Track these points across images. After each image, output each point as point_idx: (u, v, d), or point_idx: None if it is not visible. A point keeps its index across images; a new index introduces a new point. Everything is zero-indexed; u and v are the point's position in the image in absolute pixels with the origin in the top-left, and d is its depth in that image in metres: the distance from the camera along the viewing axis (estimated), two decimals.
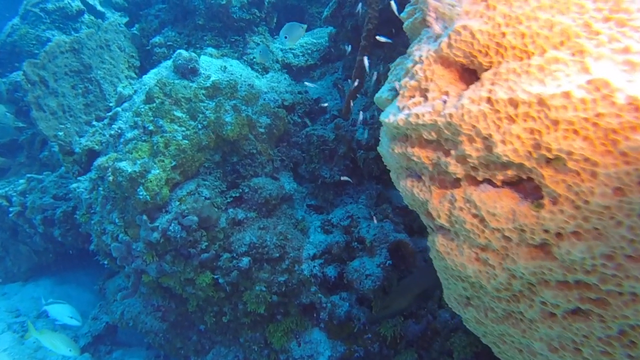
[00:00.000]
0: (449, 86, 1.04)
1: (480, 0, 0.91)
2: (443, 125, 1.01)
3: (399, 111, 1.19)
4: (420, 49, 1.15)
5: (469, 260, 1.11)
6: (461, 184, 1.10)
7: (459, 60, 0.99)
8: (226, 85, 3.83)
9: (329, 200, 4.19)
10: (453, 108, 0.97)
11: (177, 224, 3.28)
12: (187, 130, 3.54)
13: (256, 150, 3.76)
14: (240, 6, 4.50)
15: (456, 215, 1.10)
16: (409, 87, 1.15)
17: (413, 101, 1.13)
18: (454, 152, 1.05)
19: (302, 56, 5.04)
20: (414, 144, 1.20)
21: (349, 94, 2.59)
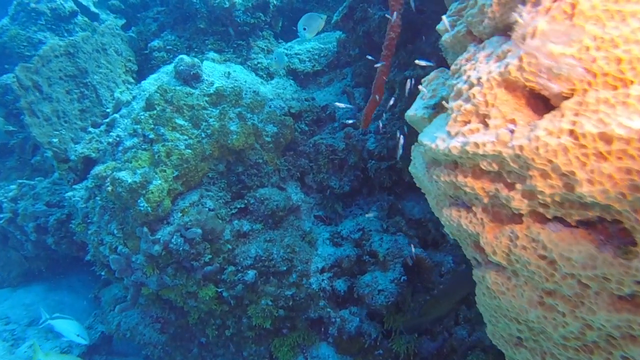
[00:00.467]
0: (514, 113, 0.94)
1: (561, 18, 0.81)
2: (509, 158, 0.91)
3: (449, 137, 1.09)
4: (476, 70, 1.05)
5: (531, 304, 1.01)
6: (523, 220, 1.01)
7: (530, 85, 0.89)
8: (230, 92, 3.72)
9: (337, 211, 4.09)
10: (524, 139, 0.87)
11: (180, 236, 3.16)
12: (190, 139, 3.42)
13: (262, 160, 3.65)
14: (244, 10, 4.39)
15: (517, 254, 1.00)
16: (464, 111, 1.05)
17: (469, 128, 1.03)
18: (519, 187, 0.95)
19: (309, 62, 4.94)
20: (467, 174, 1.10)
21: (368, 106, 2.50)
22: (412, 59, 3.95)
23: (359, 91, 4.56)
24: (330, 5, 5.73)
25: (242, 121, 3.62)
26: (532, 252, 0.96)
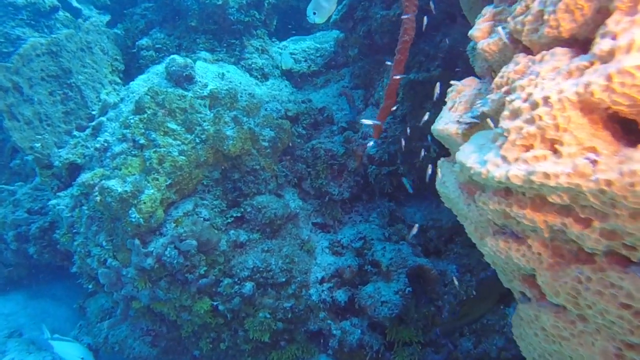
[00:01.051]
0: (592, 140, 0.81)
1: None
2: (590, 192, 0.77)
3: (506, 163, 0.95)
4: (540, 87, 0.91)
5: (606, 356, 0.88)
6: (596, 260, 0.88)
7: (618, 109, 0.76)
8: (225, 94, 3.53)
9: (336, 218, 3.94)
10: (613, 173, 0.74)
11: (174, 248, 2.97)
12: (184, 145, 3.23)
13: (259, 166, 3.47)
14: (238, 7, 4.20)
15: (590, 299, 0.87)
16: (526, 134, 0.91)
17: (534, 154, 0.89)
18: (597, 224, 0.82)
19: (305, 62, 4.78)
20: (524, 204, 0.96)
21: (380, 113, 2.35)
22: (414, 61, 3.83)
23: (358, 93, 4.42)
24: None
25: (238, 125, 3.44)
26: (612, 299, 0.84)
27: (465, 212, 1.29)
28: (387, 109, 2.32)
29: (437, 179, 1.55)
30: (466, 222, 1.31)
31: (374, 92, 4.24)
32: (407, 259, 3.34)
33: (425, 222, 3.86)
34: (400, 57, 2.17)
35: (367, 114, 4.23)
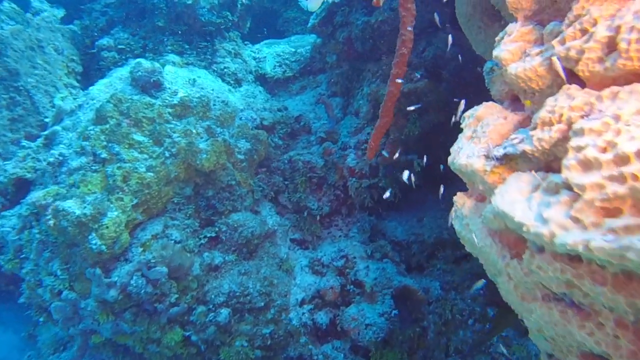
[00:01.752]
0: None
1: None
2: None
3: (580, 227, 0.76)
4: (625, 134, 0.73)
5: None
6: None
7: None
8: (197, 102, 3.22)
9: (315, 233, 3.72)
10: None
11: (141, 276, 2.65)
12: (152, 159, 2.90)
13: (235, 181, 3.19)
14: (209, 8, 3.88)
15: None
16: (612, 196, 0.72)
17: (626, 224, 0.70)
18: None
19: (279, 67, 4.51)
20: (604, 280, 0.78)
21: (375, 132, 2.15)
22: None
23: (336, 101, 4.21)
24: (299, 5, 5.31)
25: (212, 137, 3.14)
26: None
27: (500, 267, 1.10)
28: (383, 127, 2.13)
29: (456, 217, 1.36)
30: (501, 278, 1.12)
31: (354, 101, 4.05)
32: (392, 279, 3.17)
33: (407, 236, 3.71)
34: (398, 71, 1.98)
35: (346, 123, 4.03)
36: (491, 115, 1.33)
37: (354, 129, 3.87)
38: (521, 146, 1.07)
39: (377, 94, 3.67)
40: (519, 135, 1.13)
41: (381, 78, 3.77)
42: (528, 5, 1.33)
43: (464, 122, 1.46)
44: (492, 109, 1.36)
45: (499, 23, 2.08)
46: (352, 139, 3.82)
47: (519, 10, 1.36)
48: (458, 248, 3.50)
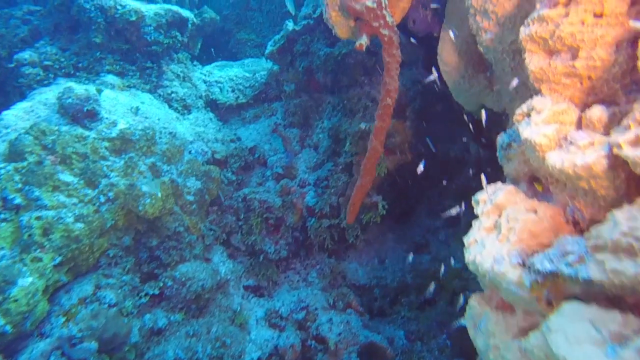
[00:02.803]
0: None
1: None
2: None
3: None
4: None
5: None
6: None
7: None
8: (140, 135, 2.75)
9: (271, 278, 3.35)
10: None
11: (61, 356, 2.12)
12: (83, 205, 2.38)
13: (184, 227, 2.75)
14: (156, 26, 3.41)
15: None
16: None
17: None
18: None
19: (232, 92, 4.11)
20: None
21: (355, 192, 1.85)
22: (360, 104, 3.43)
23: (293, 132, 3.89)
24: (252, 26, 4.98)
25: (157, 177, 2.69)
26: None
27: None
28: (365, 187, 1.84)
29: (476, 330, 1.10)
30: None
31: (312, 133, 3.76)
32: (357, 334, 2.88)
33: (369, 280, 3.46)
34: (382, 124, 1.71)
35: (304, 157, 3.72)
36: (514, 204, 1.10)
37: (313, 164, 3.58)
38: (584, 271, 0.83)
39: (339, 129, 3.41)
40: (573, 250, 0.90)
41: (343, 112, 3.52)
42: (557, 78, 1.12)
43: (478, 206, 1.22)
44: (513, 196, 1.13)
45: (484, 74, 1.92)
46: (311, 175, 3.52)
47: (544, 82, 1.16)
48: (421, 292, 3.31)
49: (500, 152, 1.26)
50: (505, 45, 1.47)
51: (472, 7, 1.46)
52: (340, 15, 1.78)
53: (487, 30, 1.47)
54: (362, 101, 3.40)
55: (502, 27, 1.44)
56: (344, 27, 1.83)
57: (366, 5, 1.65)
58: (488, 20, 1.46)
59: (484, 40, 1.52)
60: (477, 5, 1.46)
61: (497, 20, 1.44)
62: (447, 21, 1.84)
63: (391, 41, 1.70)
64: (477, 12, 1.48)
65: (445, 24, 1.85)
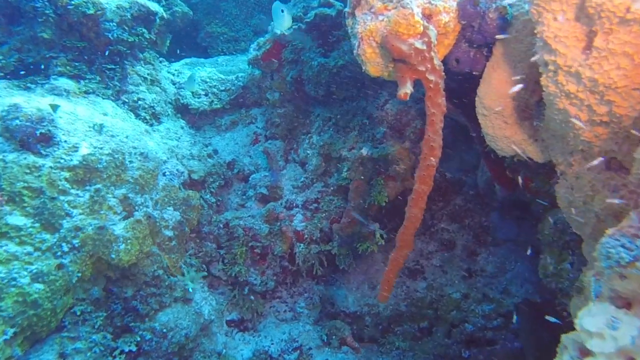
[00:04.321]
0: None
1: None
2: None
3: None
4: None
5: None
6: None
7: None
8: (108, 161, 2.31)
9: (256, 310, 3.06)
10: None
11: None
12: (40, 256, 1.94)
13: (162, 268, 2.37)
14: (119, 21, 2.89)
15: None
16: None
17: None
18: None
19: (205, 96, 3.66)
20: None
21: (390, 267, 1.57)
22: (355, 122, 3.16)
23: (276, 145, 3.55)
24: (225, 19, 4.49)
25: (130, 212, 2.28)
26: None
27: None
28: (400, 260, 1.58)
29: None
30: None
31: (298, 147, 3.44)
32: None
33: (359, 307, 3.27)
34: (423, 188, 1.46)
35: (289, 174, 3.41)
36: None
37: (300, 184, 3.28)
38: None
39: (331, 147, 3.13)
40: None
41: (335, 128, 3.24)
42: None
43: (590, 340, 1.01)
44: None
45: (529, 123, 1.72)
46: (299, 196, 3.22)
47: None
48: (416, 321, 3.18)
49: (605, 262, 1.06)
50: None
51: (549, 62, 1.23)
52: (378, 53, 1.48)
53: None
54: (357, 118, 3.13)
55: None
56: (378, 66, 1.54)
57: (415, 47, 1.37)
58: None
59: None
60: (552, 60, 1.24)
61: None
62: (497, 65, 1.60)
63: (437, 89, 1.44)
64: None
65: (494, 67, 1.62)
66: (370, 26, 1.44)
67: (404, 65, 1.42)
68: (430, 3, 1.43)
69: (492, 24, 1.49)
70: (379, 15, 1.43)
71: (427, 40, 1.39)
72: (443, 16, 1.46)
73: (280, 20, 2.59)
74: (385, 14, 1.42)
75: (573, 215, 1.52)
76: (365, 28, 1.45)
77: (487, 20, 1.49)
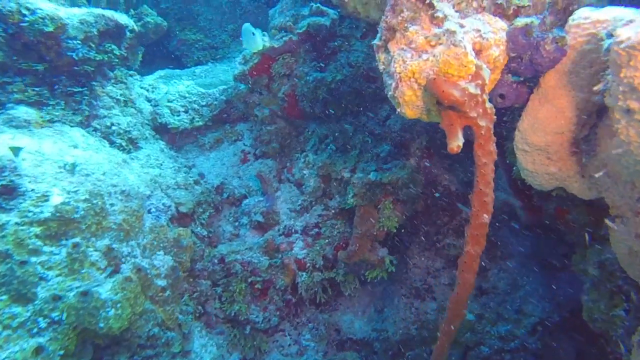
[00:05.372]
0: None
1: None
2: None
3: None
4: None
5: None
6: None
7: None
8: (86, 209, 1.98)
9: (259, 347, 2.81)
10: None
11: None
12: (11, 336, 1.62)
13: (158, 324, 2.08)
14: (84, 38, 2.50)
15: None
16: None
17: None
18: None
19: (185, 113, 3.32)
20: None
21: (439, 342, 1.35)
22: (357, 139, 2.92)
23: (267, 164, 3.27)
24: (199, 25, 4.11)
25: (117, 265, 1.98)
26: None
27: None
28: (450, 336, 1.37)
29: None
30: None
31: (293, 167, 3.18)
32: None
33: (367, 333, 3.09)
34: (476, 249, 1.25)
35: (285, 196, 3.16)
36: None
37: (298, 207, 3.03)
38: None
39: (330, 167, 2.90)
40: None
41: (334, 147, 2.99)
42: None
43: None
44: None
45: (577, 158, 1.55)
46: (297, 221, 2.98)
47: None
48: (428, 345, 3.03)
49: None
50: None
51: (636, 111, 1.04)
52: (419, 96, 1.25)
53: None
54: (357, 135, 2.90)
55: None
56: (417, 109, 1.31)
57: (469, 92, 1.15)
58: None
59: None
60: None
61: None
62: (546, 99, 1.41)
63: (489, 135, 1.23)
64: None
65: (541, 101, 1.42)
66: (412, 66, 1.20)
67: (454, 113, 1.19)
68: (482, 37, 1.21)
69: (549, 56, 1.28)
70: (423, 54, 1.19)
71: (480, 82, 1.17)
72: (493, 50, 1.24)
73: (251, 43, 2.41)
74: (431, 51, 1.18)
75: (634, 264, 1.37)
76: (405, 68, 1.21)
77: (541, 52, 1.28)
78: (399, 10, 1.24)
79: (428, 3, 1.21)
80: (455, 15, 1.22)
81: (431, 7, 1.21)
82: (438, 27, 1.21)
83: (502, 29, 1.27)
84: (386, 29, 1.27)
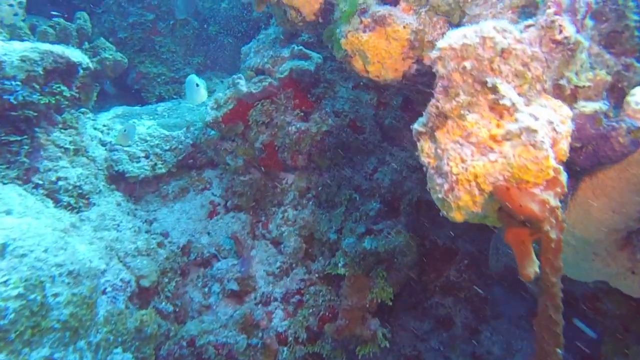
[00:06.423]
0: None
1: None
2: None
3: None
4: None
5: None
6: None
7: None
8: (18, 311, 1.50)
9: None
10: None
11: None
12: None
13: None
14: (25, 78, 2.04)
15: None
16: None
17: None
18: None
19: (146, 159, 2.87)
20: None
21: None
22: (342, 195, 2.62)
23: (240, 219, 2.88)
24: (161, 57, 3.69)
25: None
26: None
27: None
28: None
29: None
30: None
31: (269, 222, 2.82)
32: None
33: None
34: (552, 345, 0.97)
35: (260, 254, 2.78)
36: None
37: (277, 270, 2.67)
38: None
39: (314, 227, 2.58)
40: None
41: (315, 202, 2.68)
42: None
43: None
44: None
45: (628, 252, 1.35)
46: (276, 287, 2.61)
47: None
48: None
49: None
50: None
51: None
52: (479, 203, 0.98)
53: None
54: (343, 190, 2.61)
55: None
56: (469, 216, 1.03)
57: (550, 206, 0.89)
58: None
59: None
60: None
61: None
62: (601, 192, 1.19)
63: (558, 248, 0.98)
64: None
65: (595, 193, 1.21)
66: (475, 168, 0.93)
67: (526, 230, 0.93)
68: (555, 130, 0.97)
69: (622, 150, 1.06)
70: (489, 152, 0.93)
71: (559, 190, 0.93)
72: (563, 144, 1.01)
73: (194, 95, 2.17)
74: (499, 149, 0.92)
75: None
76: (465, 169, 0.94)
77: (612, 144, 1.07)
78: (454, 94, 0.97)
79: (490, 87, 0.95)
80: (521, 102, 0.98)
81: (494, 91, 0.95)
82: (501, 116, 0.96)
83: (569, 116, 1.05)
84: (436, 115, 1.00)
